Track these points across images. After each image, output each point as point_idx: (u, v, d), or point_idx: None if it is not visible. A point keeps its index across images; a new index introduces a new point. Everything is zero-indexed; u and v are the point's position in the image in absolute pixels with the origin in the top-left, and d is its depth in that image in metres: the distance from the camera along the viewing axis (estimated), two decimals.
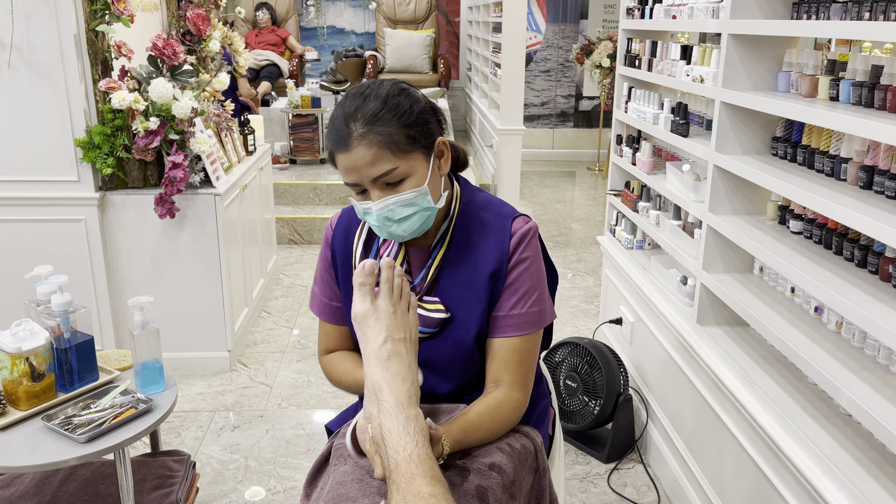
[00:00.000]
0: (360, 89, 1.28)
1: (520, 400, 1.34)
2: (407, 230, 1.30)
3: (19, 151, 2.68)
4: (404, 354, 1.16)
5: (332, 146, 1.27)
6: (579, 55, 6.77)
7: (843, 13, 1.54)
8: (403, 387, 1.11)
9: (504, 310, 1.35)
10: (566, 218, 5.60)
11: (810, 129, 1.77)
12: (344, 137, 1.23)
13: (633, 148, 2.70)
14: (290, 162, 5.72)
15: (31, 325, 1.60)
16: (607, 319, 2.94)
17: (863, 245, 1.57)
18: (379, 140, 1.22)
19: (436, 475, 1.02)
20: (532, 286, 1.36)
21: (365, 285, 1.20)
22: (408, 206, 1.27)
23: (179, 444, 2.57)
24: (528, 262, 1.36)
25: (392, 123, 1.23)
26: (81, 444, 1.52)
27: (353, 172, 1.24)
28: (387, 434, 1.06)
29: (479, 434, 1.28)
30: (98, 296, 2.86)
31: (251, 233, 3.47)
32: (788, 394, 1.72)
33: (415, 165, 1.26)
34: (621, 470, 2.44)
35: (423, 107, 1.30)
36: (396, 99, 1.26)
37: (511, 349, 1.35)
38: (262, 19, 6.95)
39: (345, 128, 1.23)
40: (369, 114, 1.23)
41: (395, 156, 1.23)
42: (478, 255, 1.36)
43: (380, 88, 1.27)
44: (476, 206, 1.41)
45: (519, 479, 1.29)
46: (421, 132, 1.27)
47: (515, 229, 1.36)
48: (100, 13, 2.64)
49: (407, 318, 1.20)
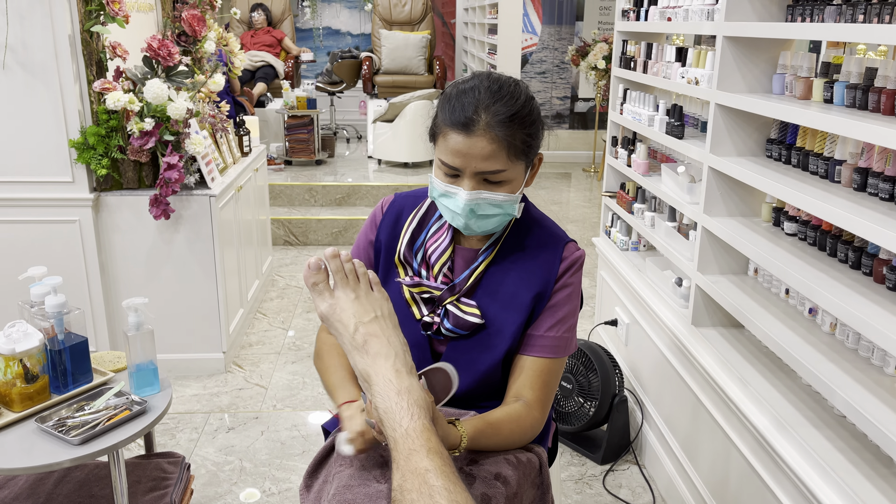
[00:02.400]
0: (496, 84, 1.28)
1: (538, 419, 1.34)
2: (482, 228, 1.32)
3: (13, 152, 2.68)
4: (380, 333, 1.12)
5: (449, 123, 1.26)
6: (575, 57, 6.78)
7: (837, 16, 1.55)
8: (387, 364, 1.08)
9: (541, 329, 1.36)
10: (561, 219, 5.61)
11: (804, 131, 1.78)
12: (471, 122, 1.23)
13: (628, 150, 2.70)
14: (285, 163, 5.72)
15: (24, 326, 1.60)
16: (603, 321, 2.95)
17: (857, 247, 1.57)
18: (503, 139, 1.24)
19: (433, 447, 0.98)
20: (569, 312, 1.38)
21: (318, 283, 1.16)
22: (495, 207, 1.29)
23: (174, 445, 2.56)
24: (571, 289, 1.38)
25: (519, 129, 1.25)
26: (75, 445, 1.52)
27: (461, 157, 1.25)
28: (383, 415, 1.03)
29: (496, 438, 1.27)
30: (92, 297, 2.85)
31: (246, 234, 3.47)
32: (783, 395, 1.73)
33: (517, 172, 1.29)
34: (616, 471, 2.44)
35: (542, 119, 1.32)
36: (530, 106, 1.28)
37: (540, 369, 1.35)
38: (258, 20, 6.95)
39: (474, 113, 1.23)
40: (504, 113, 1.24)
41: (508, 158, 1.25)
42: (526, 272, 1.37)
43: (517, 90, 1.28)
44: (530, 221, 1.42)
45: (521, 493, 1.29)
46: (534, 145, 1.30)
47: (567, 255, 1.39)
48: (95, 14, 2.63)
49: (372, 296, 1.16)
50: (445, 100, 1.29)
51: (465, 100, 1.25)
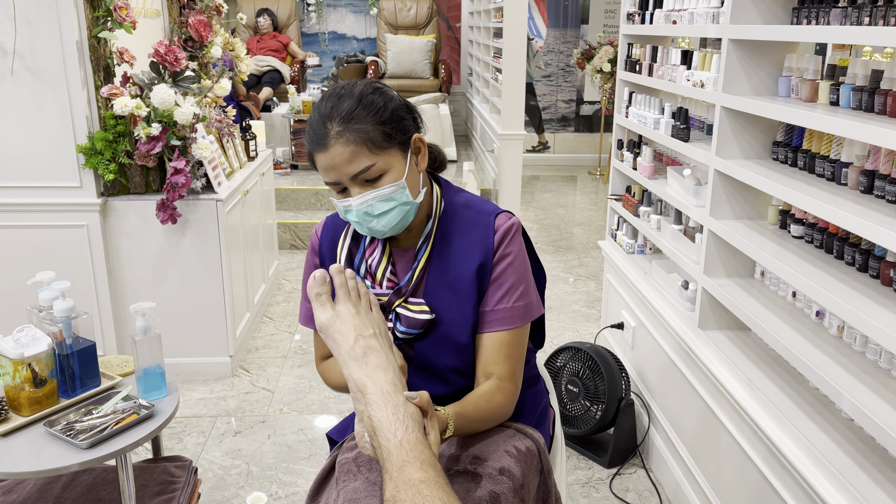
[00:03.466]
0: (335, 90, 1.31)
1: (512, 390, 1.36)
2: (387, 225, 1.32)
3: (22, 157, 2.69)
4: (378, 348, 1.15)
5: (310, 146, 1.29)
6: (580, 60, 6.78)
7: (842, 18, 1.55)
8: (386, 377, 1.10)
9: (490, 304, 1.37)
10: (567, 223, 5.61)
11: (811, 133, 1.77)
12: (321, 137, 1.26)
13: (634, 153, 2.70)
14: (291, 167, 5.73)
15: (33, 330, 1.60)
16: (609, 324, 2.94)
17: (864, 249, 1.57)
18: (355, 137, 1.25)
19: (427, 459, 1.00)
20: (517, 281, 1.38)
21: (321, 295, 1.19)
22: (387, 201, 1.29)
23: (181, 449, 2.57)
24: (512, 257, 1.38)
25: (367, 121, 1.26)
26: (83, 450, 1.52)
27: (332, 171, 1.27)
28: (377, 424, 1.05)
29: (478, 414, 1.29)
30: (100, 301, 2.86)
31: (253, 238, 3.48)
32: (790, 398, 1.72)
33: (392, 161, 1.29)
34: (623, 475, 2.44)
35: (398, 104, 1.32)
36: (371, 97, 1.28)
37: (499, 343, 1.36)
38: (264, 25, 6.97)
39: (321, 127, 1.26)
40: (344, 112, 1.25)
41: (371, 152, 1.26)
42: (463, 254, 1.37)
43: (353, 88, 1.30)
44: (458, 206, 1.42)
45: (527, 483, 1.30)
46: (396, 128, 1.30)
47: (499, 225, 1.38)
48: (102, 20, 2.65)
49: (371, 315, 1.20)
50: (307, 127, 1.31)
51: (313, 120, 1.29)
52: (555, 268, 4.55)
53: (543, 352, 3.14)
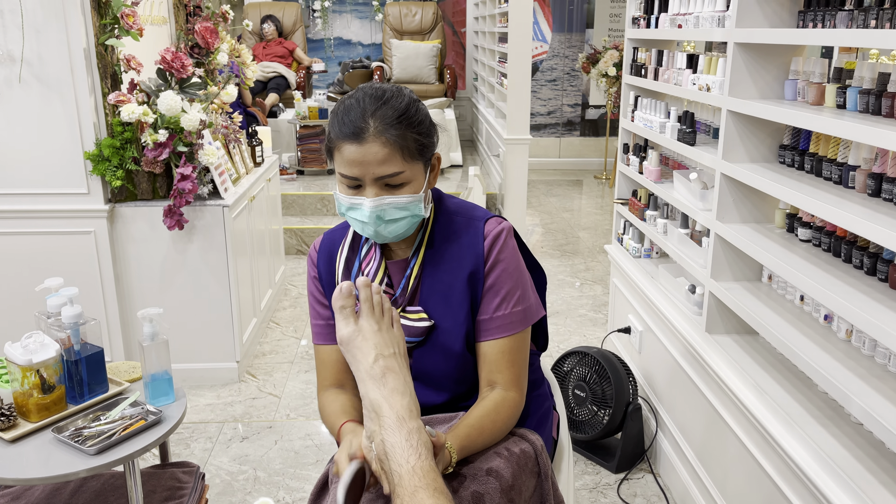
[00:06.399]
0: (379, 91, 1.31)
1: (517, 399, 1.36)
2: (393, 232, 1.33)
3: (30, 164, 2.71)
4: (397, 369, 1.16)
5: (341, 136, 1.28)
6: (585, 64, 6.78)
7: (849, 21, 1.54)
8: (403, 401, 1.11)
9: (488, 313, 1.36)
10: (573, 227, 5.60)
11: (818, 136, 1.77)
12: (360, 130, 1.25)
13: (639, 157, 2.70)
14: (297, 173, 5.74)
15: (41, 337, 1.61)
16: (616, 328, 2.94)
17: (872, 253, 1.56)
18: (395, 141, 1.26)
19: (439, 487, 1.02)
20: (513, 286, 1.37)
21: (346, 308, 1.20)
22: (401, 210, 1.30)
23: (189, 455, 2.57)
24: (506, 263, 1.37)
25: (410, 130, 1.28)
26: (91, 455, 1.53)
27: (358, 166, 1.27)
28: (390, 449, 1.06)
29: (482, 438, 1.28)
30: (108, 307, 2.87)
31: (259, 244, 3.49)
32: (799, 402, 1.72)
33: (416, 173, 1.31)
34: (631, 480, 2.43)
35: (432, 120, 1.35)
36: (417, 106, 1.32)
37: (501, 350, 1.36)
38: (269, 31, 7.00)
39: (362, 121, 1.26)
40: (391, 115, 1.26)
41: (403, 160, 1.28)
42: (454, 260, 1.37)
43: (400, 94, 1.31)
44: (448, 213, 1.43)
45: (518, 484, 1.29)
46: (428, 144, 1.33)
47: (488, 231, 1.38)
48: (109, 27, 2.67)
49: (392, 333, 1.21)
50: (334, 116, 1.31)
51: (353, 111, 1.28)
52: (561, 272, 4.54)
53: (550, 356, 3.13)
